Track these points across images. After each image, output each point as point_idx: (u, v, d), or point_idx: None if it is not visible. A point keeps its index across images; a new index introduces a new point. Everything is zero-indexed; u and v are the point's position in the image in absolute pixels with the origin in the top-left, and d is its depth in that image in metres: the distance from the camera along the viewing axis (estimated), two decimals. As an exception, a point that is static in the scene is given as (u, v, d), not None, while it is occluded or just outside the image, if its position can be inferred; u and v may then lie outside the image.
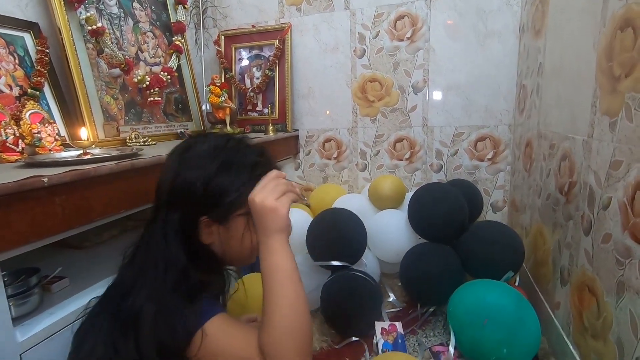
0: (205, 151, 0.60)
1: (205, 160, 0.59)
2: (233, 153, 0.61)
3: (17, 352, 0.64)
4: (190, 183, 0.57)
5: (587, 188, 0.82)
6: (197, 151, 0.61)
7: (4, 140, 0.89)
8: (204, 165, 0.58)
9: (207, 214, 0.59)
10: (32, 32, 1.10)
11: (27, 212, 0.62)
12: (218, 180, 0.58)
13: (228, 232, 0.61)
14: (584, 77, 0.84)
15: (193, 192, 0.57)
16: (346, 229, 1.24)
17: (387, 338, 1.10)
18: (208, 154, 0.60)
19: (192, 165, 0.59)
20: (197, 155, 0.60)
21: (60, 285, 0.83)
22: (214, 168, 0.58)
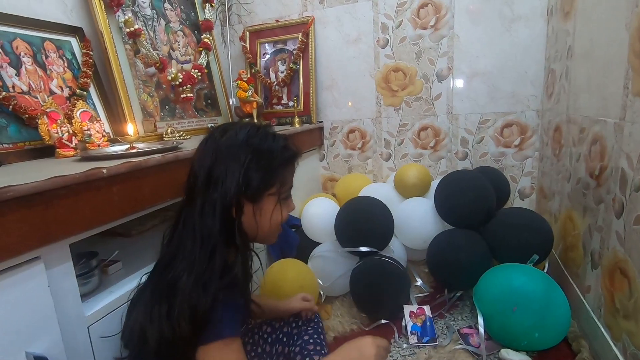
0: (239, 139, 0.66)
1: (240, 148, 0.65)
2: (263, 140, 0.67)
3: (85, 325, 0.72)
4: (227, 168, 0.64)
5: (618, 171, 0.82)
6: (231, 139, 0.66)
7: (60, 137, 0.98)
8: (238, 153, 0.65)
9: (243, 194, 0.65)
10: (78, 36, 1.19)
11: (91, 200, 0.70)
12: (252, 165, 0.64)
13: (260, 210, 0.68)
14: (615, 59, 0.84)
15: (230, 176, 0.63)
16: (373, 216, 1.27)
17: (415, 321, 1.14)
18: (242, 141, 0.66)
19: (229, 153, 0.65)
20: (231, 142, 0.66)
21: (115, 268, 0.91)
22: (249, 154, 0.64)
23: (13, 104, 0.94)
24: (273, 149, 0.67)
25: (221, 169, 0.64)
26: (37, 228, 0.61)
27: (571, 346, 1.01)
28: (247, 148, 0.65)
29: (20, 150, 0.96)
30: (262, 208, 0.68)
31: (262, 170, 0.65)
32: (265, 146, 0.67)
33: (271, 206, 0.68)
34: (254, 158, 0.64)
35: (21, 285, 0.60)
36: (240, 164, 0.64)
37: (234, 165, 0.64)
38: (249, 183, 0.64)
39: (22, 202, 0.58)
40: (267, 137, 0.68)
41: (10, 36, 1.01)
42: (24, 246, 0.59)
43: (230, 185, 0.63)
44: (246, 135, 0.67)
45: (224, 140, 0.66)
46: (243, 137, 0.66)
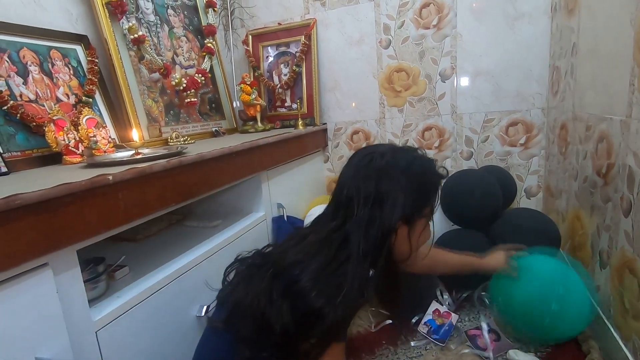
0: (401, 163, 0.71)
1: (404, 173, 0.70)
2: (422, 166, 0.73)
3: (92, 330, 0.73)
4: (391, 191, 0.68)
5: (626, 169, 0.81)
6: (393, 163, 0.71)
7: (66, 144, 0.99)
8: (401, 177, 0.69)
9: (404, 219, 0.69)
10: (83, 44, 1.20)
11: (97, 206, 0.71)
12: (415, 190, 0.70)
13: (413, 232, 0.72)
14: (620, 56, 0.83)
15: (395, 199, 0.67)
16: None
17: (436, 318, 1.13)
18: (405, 166, 0.70)
19: (391, 175, 0.69)
20: (394, 166, 0.70)
21: (122, 273, 0.92)
22: (412, 179, 0.69)
23: (21, 112, 0.96)
24: (430, 174, 0.74)
25: (384, 191, 0.68)
26: (45, 235, 0.62)
27: (581, 347, 0.99)
28: (410, 173, 0.70)
29: (28, 158, 0.97)
30: (415, 230, 0.72)
31: (422, 194, 0.71)
32: (423, 171, 0.72)
33: (420, 228, 0.74)
34: (416, 183, 0.69)
35: (30, 291, 0.61)
36: (404, 188, 0.68)
37: (398, 188, 0.68)
38: (410, 207, 0.69)
39: (30, 209, 0.59)
40: (423, 161, 0.74)
41: (17, 45, 1.02)
42: (32, 253, 0.60)
43: (395, 208, 0.67)
44: (407, 160, 0.71)
45: (385, 163, 0.70)
46: (405, 163, 0.71)
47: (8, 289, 0.58)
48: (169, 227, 1.29)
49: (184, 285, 0.95)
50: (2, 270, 0.56)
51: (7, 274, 0.58)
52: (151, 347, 0.85)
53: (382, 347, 1.10)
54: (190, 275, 0.98)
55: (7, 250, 0.56)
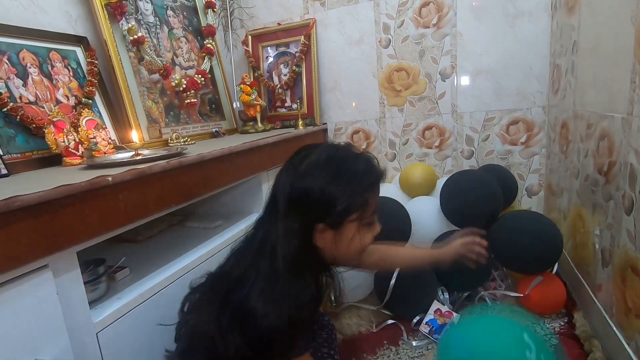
0: (318, 161, 0.65)
1: (321, 171, 0.63)
2: (342, 162, 0.65)
3: (93, 332, 0.73)
4: (306, 192, 0.62)
5: (627, 167, 0.80)
6: (311, 161, 0.65)
7: (66, 146, 0.99)
8: (318, 177, 0.63)
9: (323, 221, 0.64)
10: (82, 46, 1.20)
11: (97, 208, 0.70)
12: (331, 189, 0.62)
13: (340, 236, 0.66)
14: (621, 53, 0.82)
15: (310, 201, 0.62)
16: (392, 215, 1.27)
17: (437, 318, 1.12)
18: (322, 164, 0.64)
19: (307, 176, 0.63)
20: (311, 165, 0.64)
21: (123, 274, 0.92)
22: (328, 178, 0.62)
23: (20, 114, 0.96)
24: (355, 171, 0.65)
25: (301, 194, 0.63)
26: (45, 237, 0.62)
27: (583, 346, 0.99)
28: (327, 172, 0.63)
29: (28, 160, 0.97)
30: (342, 234, 0.65)
31: (344, 195, 0.62)
32: (346, 168, 0.64)
33: (351, 232, 0.66)
34: (334, 182, 0.62)
35: (30, 293, 0.61)
36: (320, 189, 0.62)
37: (314, 190, 0.62)
38: (330, 210, 0.62)
39: (30, 211, 0.59)
40: (347, 158, 0.66)
41: (16, 47, 1.02)
42: (32, 255, 0.60)
43: (311, 211, 0.63)
44: (326, 157, 0.65)
45: (305, 163, 0.65)
46: (323, 160, 0.65)
47: (8, 291, 0.58)
48: (169, 228, 1.29)
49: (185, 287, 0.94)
50: (2, 272, 0.56)
51: (7, 275, 0.58)
52: (152, 349, 0.85)
53: (383, 347, 1.10)
54: (191, 276, 0.97)
55: (7, 252, 0.56)
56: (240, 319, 0.60)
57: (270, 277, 0.62)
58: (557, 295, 1.13)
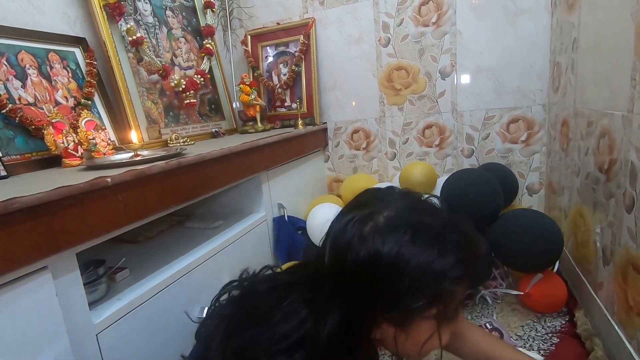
0: (391, 227, 0.48)
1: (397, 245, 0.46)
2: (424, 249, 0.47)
3: (93, 333, 0.73)
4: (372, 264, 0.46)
5: (628, 165, 0.80)
6: (380, 228, 0.48)
7: (66, 147, 0.99)
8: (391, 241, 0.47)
9: (385, 313, 0.49)
10: (81, 47, 1.20)
11: (96, 209, 0.70)
12: (402, 282, 0.46)
13: (406, 336, 0.50)
14: (622, 50, 0.82)
15: (368, 287, 0.47)
16: None
17: None
18: (396, 229, 0.47)
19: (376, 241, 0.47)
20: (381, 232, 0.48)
21: (123, 275, 0.92)
22: (401, 267, 0.46)
23: (19, 115, 0.96)
24: (440, 266, 0.46)
25: (363, 267, 0.47)
26: (44, 238, 0.62)
27: (584, 344, 0.99)
28: (400, 256, 0.46)
29: (27, 161, 0.97)
30: (410, 333, 0.49)
31: (418, 290, 0.46)
32: (426, 259, 0.46)
33: (425, 332, 0.49)
34: (415, 266, 0.45)
35: (29, 295, 0.61)
36: (393, 268, 0.46)
37: (383, 268, 0.46)
38: (393, 303, 0.47)
39: (29, 213, 0.59)
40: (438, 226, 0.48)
41: (15, 49, 1.02)
42: (31, 256, 0.60)
43: (364, 298, 0.48)
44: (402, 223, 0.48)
45: (382, 226, 0.48)
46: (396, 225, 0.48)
47: (7, 292, 0.58)
48: (169, 228, 1.29)
49: (185, 287, 0.95)
50: (1, 274, 0.56)
51: (6, 277, 0.58)
52: (152, 350, 0.85)
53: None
54: (191, 276, 0.97)
55: (6, 254, 0.56)
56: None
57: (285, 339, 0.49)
58: (558, 293, 1.12)
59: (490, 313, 1.18)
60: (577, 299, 1.17)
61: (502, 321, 1.13)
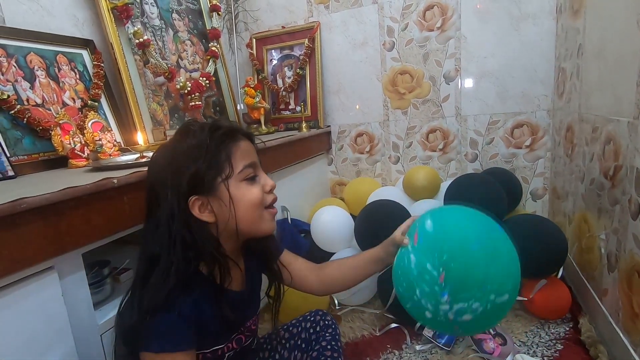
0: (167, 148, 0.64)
1: (171, 153, 0.62)
2: (185, 136, 0.63)
3: (97, 333, 0.73)
4: (166, 175, 0.60)
5: (633, 171, 0.80)
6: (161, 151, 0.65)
7: (72, 148, 1.00)
8: (170, 158, 0.62)
9: (192, 194, 0.60)
10: (89, 49, 1.22)
11: (102, 210, 0.71)
12: (186, 161, 0.60)
13: (220, 201, 0.62)
14: (627, 57, 0.82)
15: (171, 180, 0.59)
16: (395, 219, 1.26)
17: None
18: (170, 147, 0.63)
19: (160, 162, 0.63)
20: (163, 152, 0.64)
21: (127, 276, 0.92)
22: (179, 154, 0.61)
23: (27, 116, 0.97)
24: (200, 136, 0.62)
25: (157, 177, 0.62)
26: (51, 238, 0.62)
27: (589, 351, 0.98)
28: (174, 149, 0.62)
29: (34, 162, 0.98)
30: (222, 197, 0.62)
31: (199, 160, 0.60)
32: (190, 139, 0.61)
33: (235, 191, 0.63)
34: (184, 154, 0.60)
35: (35, 295, 0.61)
36: (171, 163, 0.60)
37: (166, 167, 0.61)
38: (191, 179, 0.59)
39: (36, 213, 0.60)
40: (188, 132, 0.63)
41: (24, 51, 1.04)
42: (38, 257, 0.61)
43: (173, 189, 0.59)
44: (175, 134, 0.65)
45: (160, 148, 0.65)
46: (170, 145, 0.64)
47: (14, 292, 0.59)
48: (173, 230, 1.29)
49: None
50: (9, 274, 0.57)
51: (13, 277, 0.58)
52: (156, 351, 0.85)
53: (386, 351, 1.09)
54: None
55: (13, 253, 0.57)
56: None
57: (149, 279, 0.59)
58: (562, 299, 1.12)
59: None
60: (582, 305, 1.16)
61: (506, 327, 1.13)
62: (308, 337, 0.86)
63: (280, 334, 0.88)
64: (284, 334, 0.88)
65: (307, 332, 0.87)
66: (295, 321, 0.90)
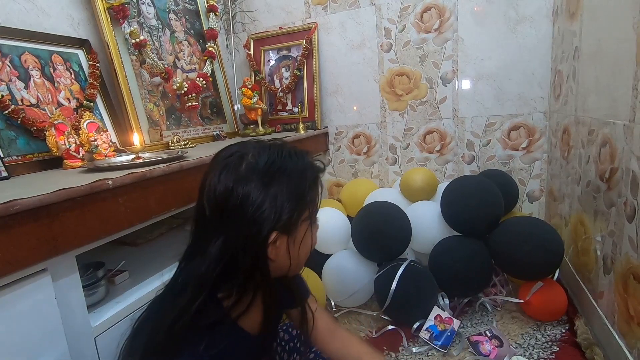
0: (260, 163, 0.57)
1: (265, 174, 0.56)
2: (288, 161, 0.59)
3: (91, 336, 0.73)
4: (253, 198, 0.54)
5: (629, 174, 0.80)
6: (252, 164, 0.56)
7: (67, 148, 0.99)
8: (264, 179, 0.55)
9: (277, 228, 0.55)
10: (84, 49, 1.21)
11: (97, 212, 0.70)
12: (283, 192, 0.56)
13: (294, 240, 0.59)
14: (623, 60, 0.82)
15: (260, 207, 0.54)
16: (393, 220, 1.26)
17: (438, 324, 1.12)
18: (266, 165, 0.57)
19: (251, 179, 0.55)
20: (253, 167, 0.56)
21: (122, 278, 0.92)
22: (277, 179, 0.56)
23: (22, 116, 0.96)
24: (301, 169, 0.59)
25: (244, 200, 0.54)
26: (44, 240, 0.62)
27: (585, 353, 0.98)
28: (273, 173, 0.56)
29: (28, 162, 0.98)
30: (296, 237, 0.59)
31: (295, 195, 0.57)
32: (291, 167, 0.58)
33: (303, 232, 0.60)
34: (283, 183, 0.56)
35: (28, 297, 0.61)
36: (267, 191, 0.54)
37: (260, 194, 0.54)
38: (282, 213, 0.55)
39: (29, 215, 0.59)
40: (291, 156, 0.60)
41: (19, 50, 1.03)
42: (30, 259, 0.60)
43: (263, 217, 0.54)
44: (268, 157, 0.57)
45: (244, 166, 0.56)
46: (265, 161, 0.57)
47: (6, 295, 0.58)
48: (169, 231, 1.28)
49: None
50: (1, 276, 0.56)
51: (5, 279, 0.57)
52: (150, 353, 0.84)
53: (383, 353, 1.09)
54: (190, 280, 0.97)
55: (5, 256, 0.56)
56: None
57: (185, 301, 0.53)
58: (558, 302, 1.12)
59: (490, 321, 1.18)
60: (577, 307, 1.17)
61: (502, 329, 1.13)
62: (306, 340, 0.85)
63: (280, 335, 0.88)
64: (283, 335, 0.88)
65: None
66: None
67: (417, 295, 1.16)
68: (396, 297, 1.14)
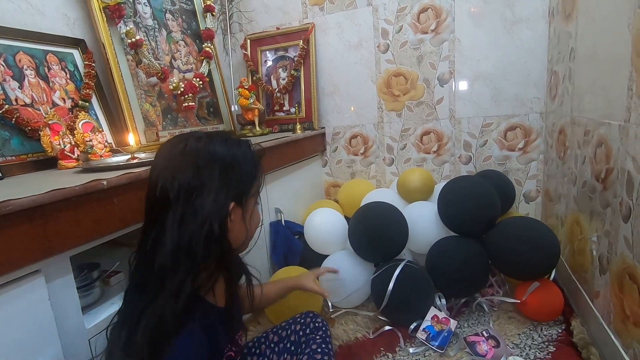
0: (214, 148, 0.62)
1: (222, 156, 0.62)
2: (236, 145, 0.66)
3: (86, 337, 0.72)
4: (212, 177, 0.59)
5: (625, 174, 0.80)
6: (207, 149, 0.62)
7: (62, 149, 0.98)
8: (220, 160, 0.61)
9: (234, 201, 0.61)
10: (80, 48, 1.20)
11: (91, 212, 0.70)
12: (236, 169, 0.62)
13: (246, 213, 0.65)
14: (618, 61, 0.82)
15: (218, 184, 0.59)
16: (389, 221, 1.26)
17: (435, 325, 1.12)
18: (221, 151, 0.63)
19: (209, 161, 0.60)
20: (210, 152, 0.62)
21: (117, 279, 0.91)
22: (231, 160, 0.62)
23: (16, 116, 0.95)
24: (249, 154, 0.67)
25: (205, 179, 0.59)
26: (38, 241, 0.61)
27: (581, 353, 0.98)
28: (226, 155, 0.62)
29: (23, 163, 0.97)
30: (247, 209, 0.66)
31: (246, 173, 0.64)
32: (242, 153, 0.65)
33: (252, 207, 0.68)
34: (235, 162, 0.63)
35: (21, 299, 0.60)
36: (224, 172, 0.61)
37: (217, 173, 0.60)
38: (238, 186, 0.62)
39: (23, 215, 0.58)
40: (239, 144, 0.67)
41: (13, 50, 1.02)
42: (24, 260, 0.59)
43: (220, 193, 0.59)
44: (221, 144, 0.63)
45: (202, 151, 0.61)
46: (219, 147, 0.63)
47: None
48: (165, 232, 1.28)
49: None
50: (-7, 278, 0.55)
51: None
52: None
53: (380, 354, 1.09)
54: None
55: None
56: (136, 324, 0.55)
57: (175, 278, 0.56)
58: (554, 302, 1.12)
59: (487, 321, 1.18)
60: (574, 307, 1.17)
61: (499, 329, 1.13)
62: (297, 340, 0.85)
63: (270, 337, 0.87)
64: (273, 337, 0.87)
65: (296, 334, 0.86)
66: (284, 324, 0.89)
67: (414, 296, 1.16)
68: (393, 298, 1.14)
